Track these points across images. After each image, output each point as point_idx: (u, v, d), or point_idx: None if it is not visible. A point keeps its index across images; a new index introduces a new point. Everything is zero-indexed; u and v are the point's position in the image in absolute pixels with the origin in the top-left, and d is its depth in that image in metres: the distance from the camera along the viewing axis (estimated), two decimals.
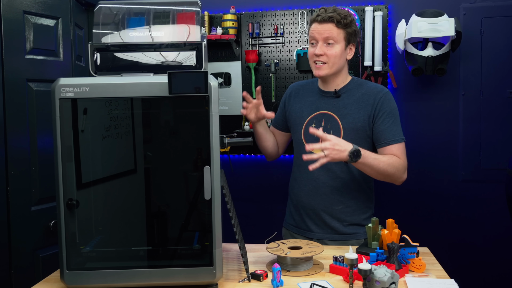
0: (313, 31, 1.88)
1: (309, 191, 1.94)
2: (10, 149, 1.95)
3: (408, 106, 2.91)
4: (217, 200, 1.40)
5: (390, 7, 2.88)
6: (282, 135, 2.13)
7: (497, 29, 2.79)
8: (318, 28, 1.86)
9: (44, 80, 2.08)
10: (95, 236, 1.44)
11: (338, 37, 1.85)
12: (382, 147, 1.86)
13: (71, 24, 2.23)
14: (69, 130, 1.37)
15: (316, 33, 1.87)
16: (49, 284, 1.51)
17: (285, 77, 2.99)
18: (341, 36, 1.86)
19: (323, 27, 1.85)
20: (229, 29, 2.93)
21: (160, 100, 1.39)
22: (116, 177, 1.43)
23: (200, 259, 1.43)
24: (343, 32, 1.86)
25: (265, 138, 2.05)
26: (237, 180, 3.02)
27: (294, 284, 1.46)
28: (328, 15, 1.84)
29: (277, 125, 2.14)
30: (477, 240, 2.90)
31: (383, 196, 2.43)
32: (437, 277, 1.51)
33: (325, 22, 1.85)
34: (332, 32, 1.84)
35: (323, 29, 1.85)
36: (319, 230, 1.94)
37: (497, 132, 2.82)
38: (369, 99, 1.89)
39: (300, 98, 2.03)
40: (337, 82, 1.94)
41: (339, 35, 1.85)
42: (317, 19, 1.87)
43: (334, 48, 1.86)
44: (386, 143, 1.85)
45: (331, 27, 1.84)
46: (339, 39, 1.86)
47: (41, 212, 2.08)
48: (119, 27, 1.52)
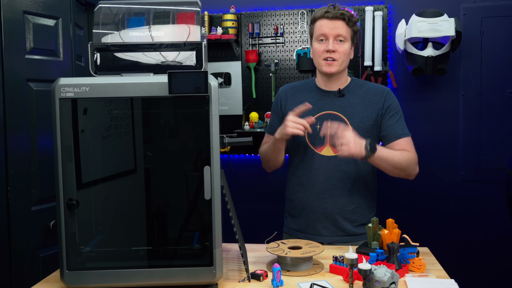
0: (323, 27, 1.84)
1: (319, 194, 1.89)
2: (10, 149, 1.95)
3: (408, 106, 2.90)
4: (217, 200, 1.40)
5: (390, 7, 2.88)
6: None
7: (497, 29, 2.79)
8: (328, 24, 1.84)
9: (44, 80, 2.08)
10: (95, 236, 1.44)
11: (347, 35, 1.85)
12: (392, 141, 1.87)
13: (71, 24, 2.23)
14: (69, 130, 1.37)
15: (327, 29, 1.83)
16: (49, 284, 1.51)
17: (285, 77, 2.99)
18: (349, 35, 1.86)
19: (334, 24, 1.83)
20: (229, 29, 2.93)
21: (160, 100, 1.39)
22: (116, 177, 1.43)
23: (200, 259, 1.43)
24: (351, 31, 1.87)
25: (279, 151, 1.93)
26: (237, 180, 3.02)
27: (294, 284, 1.46)
28: (339, 11, 1.83)
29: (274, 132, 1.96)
30: (477, 240, 2.90)
31: (383, 196, 2.42)
32: (437, 277, 1.51)
33: (336, 18, 1.83)
34: (343, 29, 1.84)
35: (334, 26, 1.83)
36: (329, 233, 1.90)
37: (497, 132, 2.82)
38: (375, 98, 1.89)
39: (297, 99, 1.96)
40: (341, 81, 1.93)
41: (348, 33, 1.85)
42: (327, 16, 1.84)
43: (344, 46, 1.85)
44: (397, 137, 1.86)
45: (342, 24, 1.83)
46: (348, 37, 1.86)
47: (41, 212, 2.08)
48: (119, 27, 1.52)
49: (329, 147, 1.88)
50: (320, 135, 1.83)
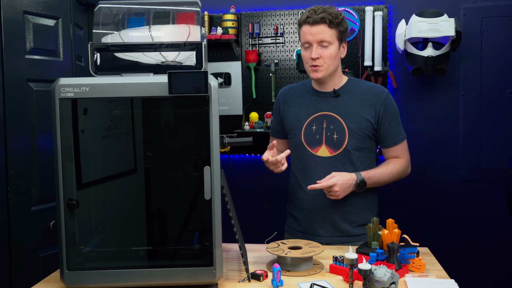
0: (306, 34, 1.82)
1: (316, 195, 1.90)
2: (10, 149, 1.95)
3: (408, 106, 2.91)
4: (217, 200, 1.40)
5: (390, 7, 2.88)
6: (284, 143, 2.05)
7: (497, 29, 2.79)
8: (310, 30, 1.81)
9: (44, 80, 2.08)
10: (95, 236, 1.44)
11: (332, 37, 1.81)
12: (389, 147, 1.92)
13: (71, 24, 2.23)
14: (69, 130, 1.37)
15: (309, 36, 1.81)
16: (49, 284, 1.51)
17: (285, 77, 2.99)
18: (334, 36, 1.82)
19: (315, 29, 1.80)
20: (229, 29, 2.93)
21: (160, 100, 1.39)
22: (116, 177, 1.43)
23: (200, 259, 1.43)
24: (336, 32, 1.82)
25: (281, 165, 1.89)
26: (237, 180, 3.01)
27: (294, 284, 1.46)
28: (319, 16, 1.78)
29: (276, 134, 2.07)
30: (477, 239, 2.90)
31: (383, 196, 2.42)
32: (437, 277, 1.51)
33: (317, 23, 1.79)
34: (325, 34, 1.80)
35: (316, 31, 1.80)
36: (328, 234, 1.91)
37: (497, 132, 2.82)
38: (371, 99, 1.88)
39: (294, 101, 1.97)
40: (334, 82, 1.92)
41: (332, 35, 1.81)
42: (308, 21, 1.81)
43: (329, 50, 1.81)
44: (394, 143, 1.91)
45: (323, 28, 1.79)
46: (333, 40, 1.81)
47: (41, 212, 2.08)
48: (119, 27, 1.52)
49: (325, 148, 1.88)
50: (316, 183, 1.80)
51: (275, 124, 2.08)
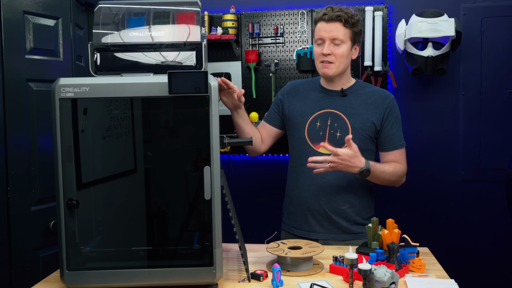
0: (320, 30, 1.86)
1: (314, 191, 1.92)
2: (10, 149, 1.95)
3: (408, 106, 2.90)
4: (217, 200, 1.40)
5: (390, 7, 2.88)
6: (272, 131, 2.05)
7: (497, 29, 2.79)
8: (325, 27, 1.85)
9: (44, 80, 2.08)
10: (95, 236, 1.44)
11: (345, 36, 1.85)
12: (388, 151, 1.93)
13: (71, 24, 2.23)
14: (69, 130, 1.37)
15: (323, 32, 1.85)
16: (49, 284, 1.51)
17: (285, 77, 2.99)
18: (348, 36, 1.86)
19: (330, 26, 1.84)
20: (229, 29, 2.93)
21: (160, 100, 1.39)
22: (116, 177, 1.43)
23: (200, 259, 1.43)
24: (350, 32, 1.86)
25: (243, 130, 1.98)
26: (237, 180, 3.01)
27: (294, 284, 1.46)
28: (335, 14, 1.83)
29: (270, 120, 2.07)
30: (477, 240, 2.90)
31: (383, 196, 2.43)
32: (437, 277, 1.51)
33: (332, 21, 1.84)
34: (339, 32, 1.84)
35: (330, 28, 1.84)
36: (324, 230, 1.92)
37: (497, 132, 2.82)
38: (377, 102, 1.91)
39: (301, 96, 2.00)
40: (343, 81, 1.94)
41: (346, 34, 1.85)
42: (324, 18, 1.85)
43: (341, 48, 1.85)
44: (393, 147, 1.92)
45: (338, 26, 1.84)
46: (346, 39, 1.85)
47: (41, 212, 2.08)
48: (119, 27, 1.52)
49: (327, 145, 1.88)
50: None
51: (271, 112, 2.08)
